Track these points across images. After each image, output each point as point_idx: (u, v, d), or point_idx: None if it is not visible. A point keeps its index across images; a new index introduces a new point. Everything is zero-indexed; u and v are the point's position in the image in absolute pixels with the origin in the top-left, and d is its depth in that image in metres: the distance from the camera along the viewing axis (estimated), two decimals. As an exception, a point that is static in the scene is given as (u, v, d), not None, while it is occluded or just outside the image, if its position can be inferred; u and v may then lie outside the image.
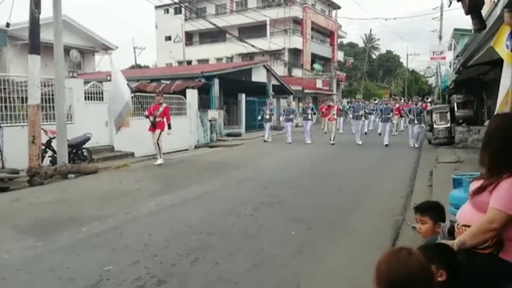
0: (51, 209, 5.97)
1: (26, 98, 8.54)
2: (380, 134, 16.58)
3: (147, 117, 10.28)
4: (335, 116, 15.93)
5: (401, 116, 20.89)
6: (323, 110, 18.19)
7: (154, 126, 10.16)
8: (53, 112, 9.40)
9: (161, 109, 10.30)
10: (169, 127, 10.37)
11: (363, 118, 16.34)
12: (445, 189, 5.32)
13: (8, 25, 10.12)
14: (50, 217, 5.47)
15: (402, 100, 28.57)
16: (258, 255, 4.01)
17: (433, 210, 2.65)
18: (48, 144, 9.22)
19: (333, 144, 14.82)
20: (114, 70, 10.11)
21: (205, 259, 3.89)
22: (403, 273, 1.44)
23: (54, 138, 9.11)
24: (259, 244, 4.32)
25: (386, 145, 14.20)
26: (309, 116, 16.02)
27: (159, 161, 10.12)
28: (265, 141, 16.33)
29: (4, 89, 9.30)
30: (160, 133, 10.17)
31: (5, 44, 14.33)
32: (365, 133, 16.62)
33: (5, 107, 9.10)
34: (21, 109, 9.25)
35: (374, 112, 20.69)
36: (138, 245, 4.29)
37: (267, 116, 16.84)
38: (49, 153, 9.27)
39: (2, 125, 8.66)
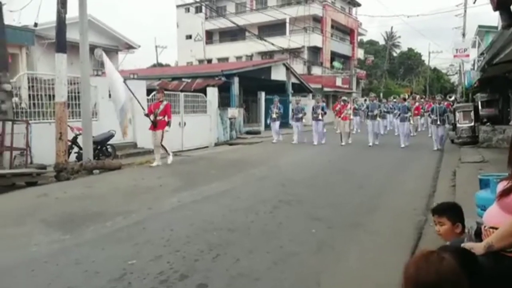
0: (77, 203, 6.13)
1: (53, 95, 8.78)
2: (398, 135, 15.48)
3: (147, 115, 9.69)
4: (351, 116, 14.87)
5: (421, 116, 19.99)
6: (337, 108, 16.90)
7: (154, 125, 9.59)
8: (79, 109, 9.62)
9: (161, 107, 9.70)
10: (168, 125, 9.77)
11: (378, 118, 14.61)
12: (469, 189, 5.23)
13: (36, 24, 10.45)
14: (76, 212, 5.62)
15: (422, 99, 27.32)
16: (278, 252, 4.03)
17: (450, 211, 2.62)
18: (74, 141, 9.47)
19: (343, 145, 14.07)
20: (109, 68, 9.32)
21: (226, 255, 3.94)
22: (434, 278, 1.37)
23: (80, 134, 9.35)
24: (279, 241, 4.34)
25: (403, 147, 13.25)
26: (319, 116, 14.73)
27: (156, 162, 9.54)
28: (273, 142, 15.30)
29: (32, 86, 9.59)
30: (163, 134, 9.59)
31: (33, 43, 14.75)
32: (378, 134, 14.87)
33: (33, 104, 9.38)
34: (49, 106, 9.51)
35: (392, 111, 19.01)
36: (160, 240, 4.38)
37: (274, 116, 15.66)
38: (75, 149, 9.52)
39: (30, 121, 8.93)
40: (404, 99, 15.53)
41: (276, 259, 3.85)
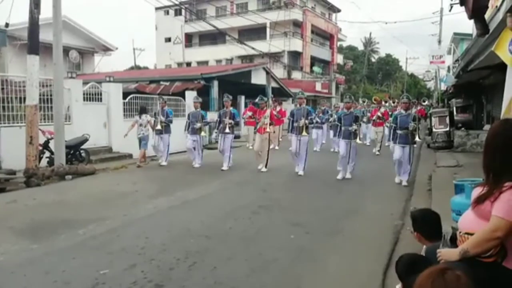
0: (48, 210, 5.92)
1: (25, 98, 8.50)
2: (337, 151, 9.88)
3: None
4: (267, 127, 9.47)
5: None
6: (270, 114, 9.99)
7: None
8: (51, 112, 9.35)
9: None
10: None
11: (305, 133, 8.91)
12: (444, 194, 5.31)
13: (7, 25, 10.11)
14: (46, 219, 5.42)
15: (394, 103, 19.36)
16: (257, 259, 3.97)
17: (421, 227, 2.69)
18: (45, 145, 9.17)
19: (263, 171, 9.29)
20: None
21: (203, 263, 3.85)
22: None
23: (52, 138, 9.07)
24: (257, 248, 4.28)
25: (347, 178, 8.46)
26: (227, 128, 9.81)
27: None
28: (160, 165, 10.32)
29: (3, 89, 9.26)
30: None
31: (4, 44, 14.27)
32: (306, 156, 9.09)
33: (3, 107, 9.06)
34: (19, 109, 9.20)
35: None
36: (135, 248, 4.25)
37: (159, 126, 10.23)
38: (47, 154, 9.23)
39: (-1, 125, 8.62)
40: (349, 105, 9.19)
41: (254, 266, 3.78)
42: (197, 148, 10.35)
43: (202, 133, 10.38)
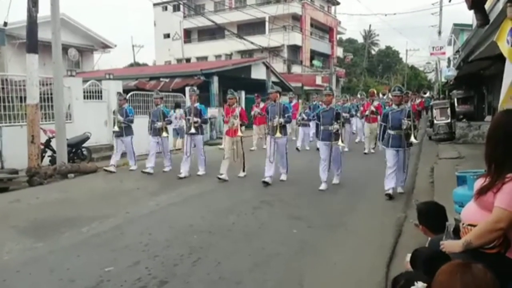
0: (51, 209, 5.94)
1: (25, 97, 8.50)
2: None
3: None
4: (238, 129, 8.04)
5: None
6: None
7: None
8: (52, 111, 9.35)
9: None
10: None
11: (279, 134, 7.46)
12: (447, 186, 5.30)
13: (5, 24, 10.08)
14: (50, 218, 5.44)
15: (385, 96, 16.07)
16: (260, 254, 3.98)
17: (426, 220, 2.69)
18: (47, 144, 9.19)
19: (241, 176, 8.20)
20: None
21: (207, 258, 3.87)
22: None
23: (53, 137, 9.08)
24: (260, 243, 4.30)
25: (336, 183, 7.28)
26: (192, 128, 8.25)
27: None
28: (109, 171, 8.87)
29: (3, 88, 9.26)
30: None
31: (3, 43, 14.24)
32: (285, 161, 7.85)
33: (4, 106, 9.06)
34: (20, 108, 9.22)
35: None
36: (138, 245, 4.27)
37: (116, 127, 8.81)
38: (49, 152, 9.25)
39: (0, 124, 8.62)
40: (329, 98, 7.19)
41: (257, 261, 3.80)
42: (163, 151, 9.02)
43: (164, 134, 8.86)
